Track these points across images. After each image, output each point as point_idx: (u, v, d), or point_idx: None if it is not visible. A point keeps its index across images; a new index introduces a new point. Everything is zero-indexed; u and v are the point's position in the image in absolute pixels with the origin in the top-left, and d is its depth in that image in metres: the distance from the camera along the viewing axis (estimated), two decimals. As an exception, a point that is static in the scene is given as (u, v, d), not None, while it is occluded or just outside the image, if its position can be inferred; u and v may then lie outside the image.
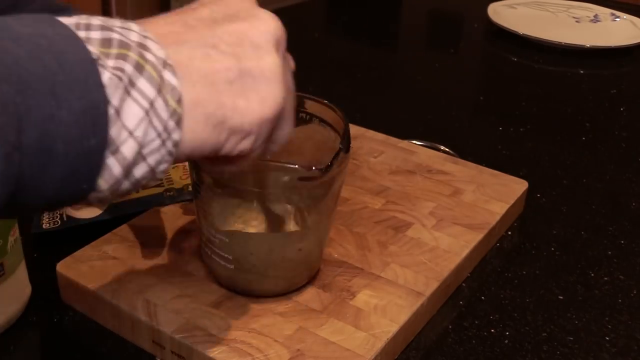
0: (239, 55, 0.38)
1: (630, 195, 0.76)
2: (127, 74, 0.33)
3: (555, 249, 0.66)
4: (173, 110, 0.34)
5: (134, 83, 0.33)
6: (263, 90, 0.38)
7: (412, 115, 0.95)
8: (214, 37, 0.38)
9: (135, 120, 0.33)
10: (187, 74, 0.36)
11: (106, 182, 0.34)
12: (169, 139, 0.35)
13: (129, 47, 0.33)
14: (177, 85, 0.35)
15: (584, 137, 0.89)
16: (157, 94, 0.34)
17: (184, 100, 0.35)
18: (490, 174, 0.71)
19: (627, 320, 0.58)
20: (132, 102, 0.33)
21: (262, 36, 0.39)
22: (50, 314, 0.56)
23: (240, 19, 0.39)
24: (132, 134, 0.33)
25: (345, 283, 0.55)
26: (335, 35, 1.30)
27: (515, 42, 1.19)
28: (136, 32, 0.35)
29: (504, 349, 0.54)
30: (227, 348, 0.49)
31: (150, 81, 0.33)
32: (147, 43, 0.35)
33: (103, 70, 0.32)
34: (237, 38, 0.38)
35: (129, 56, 0.33)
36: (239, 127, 0.38)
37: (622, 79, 1.11)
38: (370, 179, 0.70)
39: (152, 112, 0.33)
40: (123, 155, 0.33)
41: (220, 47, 0.37)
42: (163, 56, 0.35)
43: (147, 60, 0.34)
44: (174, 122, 0.35)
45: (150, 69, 0.34)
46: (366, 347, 0.49)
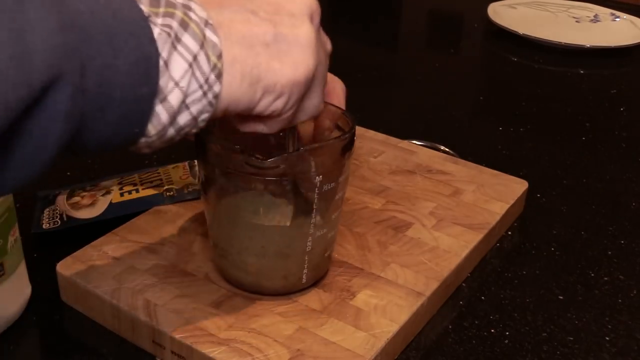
0: (275, 21, 0.41)
1: (630, 195, 0.76)
2: (174, 30, 0.36)
3: (555, 249, 0.66)
4: (214, 65, 0.38)
5: (179, 38, 0.36)
6: (296, 55, 0.41)
7: (412, 115, 0.95)
8: (253, 4, 0.41)
9: (181, 72, 0.36)
10: (227, 34, 0.39)
11: (154, 127, 0.37)
12: (210, 91, 0.38)
13: (175, 6, 0.37)
14: (217, 42, 0.38)
15: (584, 137, 0.89)
16: (199, 49, 0.37)
17: (224, 57, 0.38)
18: (490, 174, 0.71)
19: (627, 320, 0.58)
20: (178, 55, 0.36)
21: (298, 7, 0.42)
22: (50, 314, 0.56)
23: None
24: (177, 84, 0.36)
25: (345, 283, 0.55)
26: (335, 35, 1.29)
27: (515, 42, 1.19)
28: None
29: (504, 349, 0.54)
30: (227, 348, 0.49)
31: (194, 37, 0.37)
32: (190, 4, 0.38)
33: (154, 26, 0.35)
34: (275, 7, 0.41)
35: (175, 14, 0.36)
36: (272, 86, 0.40)
37: (622, 79, 1.11)
38: (370, 179, 0.70)
39: (195, 65, 0.37)
40: (170, 104, 0.37)
41: (259, 13, 0.40)
42: (205, 16, 0.38)
43: (191, 18, 0.37)
44: (214, 76, 0.38)
45: (194, 26, 0.37)
46: (366, 347, 0.49)
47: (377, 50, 1.23)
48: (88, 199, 0.65)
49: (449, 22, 1.40)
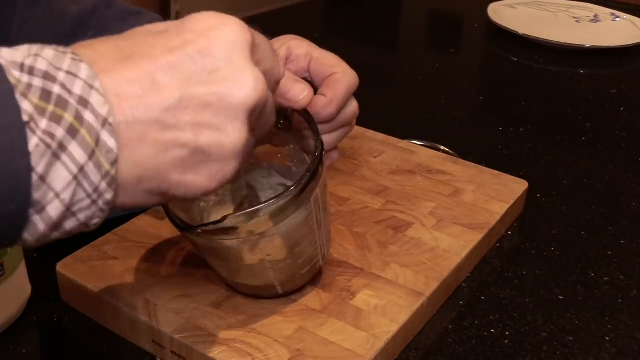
0: (200, 129, 0.35)
1: (630, 195, 0.76)
2: (57, 139, 0.31)
3: (555, 249, 0.66)
4: (106, 172, 0.33)
5: (65, 147, 0.32)
6: (215, 168, 0.37)
7: (412, 115, 0.95)
8: (178, 107, 0.35)
9: (63, 184, 0.32)
10: (135, 151, 0.34)
11: (31, 235, 0.33)
12: (101, 199, 0.34)
13: (66, 105, 0.32)
14: (114, 147, 0.33)
15: (584, 137, 0.89)
16: (88, 159, 0.32)
17: (128, 174, 0.34)
18: (490, 174, 0.71)
19: (627, 320, 0.58)
20: (60, 166, 0.32)
21: (234, 108, 0.36)
22: (50, 314, 0.56)
23: (217, 80, 0.36)
24: (58, 195, 0.32)
25: (345, 283, 0.55)
26: (335, 35, 1.30)
27: (515, 42, 1.19)
28: (83, 80, 0.33)
29: (504, 349, 0.54)
30: (227, 348, 0.49)
31: (82, 146, 0.32)
32: (90, 97, 0.32)
33: (32, 135, 0.31)
34: (204, 108, 0.35)
35: (63, 118, 0.32)
36: (181, 197, 0.37)
37: (622, 79, 1.11)
38: (370, 179, 0.70)
39: (81, 176, 0.32)
40: (48, 215, 0.32)
41: (182, 118, 0.35)
42: (104, 114, 0.33)
43: (84, 121, 0.32)
44: (106, 184, 0.34)
45: (84, 133, 0.32)
46: (366, 347, 0.49)
47: (377, 50, 1.23)
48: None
49: (449, 22, 1.40)
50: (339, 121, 0.58)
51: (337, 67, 0.57)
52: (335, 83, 0.57)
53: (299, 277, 0.53)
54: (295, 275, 0.52)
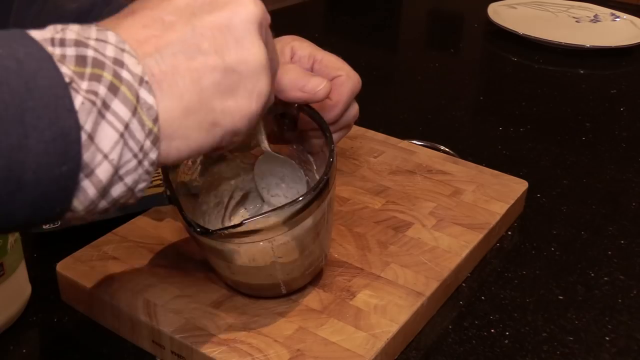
0: (222, 51, 0.37)
1: (630, 195, 0.76)
2: (100, 96, 0.32)
3: (555, 249, 0.66)
4: (149, 130, 0.34)
5: (108, 105, 0.32)
6: (250, 84, 0.38)
7: (412, 115, 0.95)
8: (194, 35, 0.37)
9: (110, 143, 0.32)
10: (174, 83, 0.35)
11: (81, 203, 0.33)
12: (146, 159, 0.34)
13: (103, 65, 0.33)
14: (153, 103, 0.34)
15: (584, 137, 0.89)
16: (132, 116, 0.33)
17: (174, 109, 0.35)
18: (490, 174, 0.71)
19: (627, 320, 0.58)
20: (106, 125, 0.32)
21: (244, 25, 0.38)
22: (50, 314, 0.56)
23: (219, 7, 0.38)
24: (107, 156, 0.32)
25: (345, 283, 0.55)
26: (335, 35, 1.30)
27: (515, 42, 1.19)
28: (113, 44, 0.33)
29: (504, 349, 0.54)
30: (227, 348, 0.49)
31: (124, 102, 0.33)
32: (123, 58, 0.33)
33: (76, 94, 0.31)
34: (218, 31, 0.37)
35: (103, 77, 0.32)
36: (231, 126, 0.38)
37: (622, 79, 1.11)
38: (370, 179, 0.70)
39: (127, 134, 0.33)
40: (98, 178, 0.32)
41: (202, 45, 0.37)
42: (139, 72, 0.34)
43: (122, 79, 0.33)
44: (150, 142, 0.34)
45: (125, 90, 0.33)
46: (366, 347, 0.49)
47: (377, 50, 1.23)
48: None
49: (449, 22, 1.40)
50: (340, 123, 0.58)
51: (341, 69, 0.58)
52: (340, 86, 0.57)
53: (303, 277, 0.53)
54: (300, 276, 0.53)
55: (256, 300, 0.53)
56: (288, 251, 0.49)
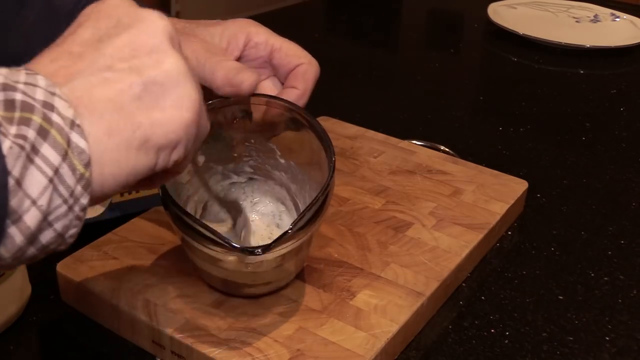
0: (137, 67, 0.36)
1: (630, 195, 0.76)
2: (29, 141, 0.31)
3: (555, 249, 0.66)
4: (80, 175, 0.33)
5: (37, 149, 0.31)
6: (174, 93, 0.37)
7: (412, 115, 0.95)
8: (105, 58, 0.36)
9: (39, 189, 0.31)
10: (91, 106, 0.34)
11: (8, 251, 0.32)
12: (77, 204, 0.33)
13: (32, 109, 0.31)
14: (85, 148, 0.33)
15: (584, 137, 0.89)
16: (62, 161, 0.32)
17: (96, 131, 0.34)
18: (490, 174, 0.71)
19: (627, 320, 0.58)
20: (35, 170, 0.31)
21: (153, 39, 0.37)
22: (50, 314, 0.56)
23: (124, 27, 0.37)
24: (35, 202, 0.31)
25: (345, 283, 0.55)
26: (335, 35, 1.30)
27: (515, 42, 1.19)
28: (43, 88, 0.33)
29: (504, 349, 0.54)
30: (227, 348, 0.49)
31: (54, 147, 0.32)
32: (54, 102, 0.32)
33: (4, 138, 0.30)
34: (129, 50, 0.36)
35: (32, 120, 0.31)
36: (164, 140, 0.36)
37: (622, 79, 1.11)
38: (370, 179, 0.70)
39: (57, 179, 0.32)
40: (26, 225, 0.31)
41: (115, 66, 0.35)
42: (70, 116, 0.33)
43: (53, 122, 0.32)
44: (81, 187, 0.33)
45: (55, 133, 0.32)
46: (366, 347, 0.49)
47: (377, 50, 1.23)
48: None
49: (449, 22, 1.40)
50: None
51: (303, 57, 0.56)
52: (304, 74, 0.56)
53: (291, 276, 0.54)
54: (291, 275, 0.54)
55: (256, 300, 0.53)
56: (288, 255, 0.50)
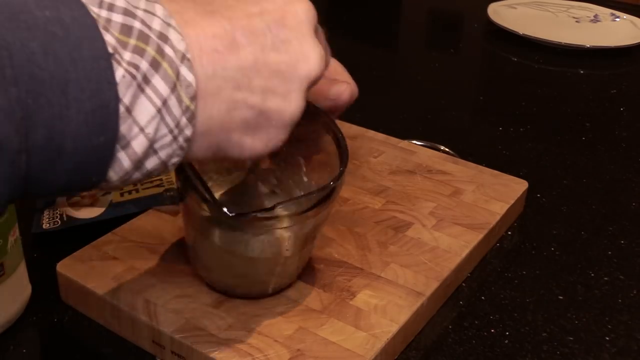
0: (267, 93, 0.38)
1: (630, 195, 0.76)
2: (141, 71, 0.32)
3: (555, 249, 0.66)
4: (186, 107, 0.35)
5: (148, 80, 0.33)
6: (272, 133, 0.39)
7: (412, 115, 0.95)
8: (253, 69, 0.37)
9: (147, 117, 0.33)
10: (211, 102, 0.36)
11: (116, 173, 0.34)
12: (181, 135, 0.35)
13: (147, 39, 0.33)
14: (192, 81, 0.34)
15: (584, 137, 0.89)
16: (170, 92, 0.33)
17: (198, 124, 0.36)
18: (490, 174, 0.71)
19: (627, 320, 0.58)
20: (145, 99, 0.33)
21: (301, 78, 0.39)
22: (50, 314, 0.56)
23: (290, 50, 0.38)
24: (143, 130, 0.33)
25: (345, 283, 0.55)
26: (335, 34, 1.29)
27: (515, 42, 1.19)
28: (160, 17, 0.34)
29: (504, 349, 0.54)
30: (227, 348, 0.49)
31: (165, 79, 0.33)
32: (168, 33, 0.34)
33: (117, 66, 0.32)
34: (275, 75, 0.38)
35: (146, 51, 0.33)
36: (233, 157, 0.39)
37: (622, 79, 1.11)
38: (370, 179, 0.70)
39: (164, 110, 0.33)
40: (133, 150, 0.33)
41: (254, 81, 0.37)
42: (182, 49, 0.34)
43: (165, 55, 0.33)
44: (186, 119, 0.35)
45: (166, 66, 0.33)
46: (366, 347, 0.49)
47: (377, 50, 1.23)
48: (88, 199, 0.65)
49: (449, 22, 1.40)
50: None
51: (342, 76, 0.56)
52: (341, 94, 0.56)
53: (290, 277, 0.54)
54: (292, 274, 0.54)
55: (256, 300, 0.53)
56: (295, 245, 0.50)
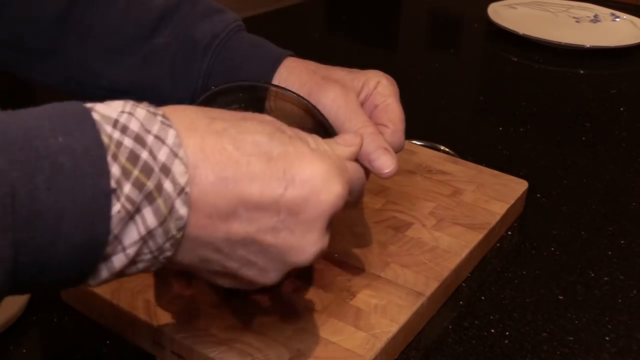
0: (248, 264, 0.38)
1: (630, 195, 0.76)
2: (136, 204, 0.33)
3: (555, 249, 0.66)
4: (172, 236, 0.35)
5: (140, 209, 0.33)
6: (245, 285, 0.40)
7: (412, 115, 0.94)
8: (243, 241, 0.37)
9: (130, 241, 0.34)
10: (185, 251, 0.37)
11: (94, 280, 0.35)
12: (162, 255, 0.36)
13: (150, 173, 0.33)
14: (184, 215, 0.35)
15: (584, 137, 0.89)
16: (158, 225, 0.34)
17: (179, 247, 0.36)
18: (490, 174, 0.71)
19: (627, 320, 0.58)
20: (132, 225, 0.33)
21: (287, 265, 0.39)
22: (50, 314, 0.56)
23: (287, 239, 0.38)
24: (124, 249, 0.34)
25: (345, 283, 0.55)
26: (335, 35, 1.30)
27: (515, 42, 1.19)
28: (169, 147, 0.34)
29: (504, 349, 0.54)
30: (227, 348, 0.49)
31: (156, 213, 0.34)
32: (172, 166, 0.34)
33: (116, 201, 0.32)
34: (262, 251, 0.38)
35: (145, 186, 0.33)
36: (231, 286, 0.41)
37: (622, 79, 1.11)
38: (370, 179, 0.69)
39: (148, 237, 0.34)
40: (113, 265, 0.34)
41: (237, 251, 0.38)
42: (183, 183, 0.34)
43: (163, 190, 0.34)
44: (169, 245, 0.35)
45: (160, 202, 0.34)
46: (366, 347, 0.49)
47: (377, 50, 1.23)
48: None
49: (449, 22, 1.40)
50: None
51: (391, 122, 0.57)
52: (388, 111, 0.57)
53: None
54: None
55: (256, 300, 0.53)
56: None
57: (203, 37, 0.59)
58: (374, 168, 0.52)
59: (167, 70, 0.59)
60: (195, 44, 0.59)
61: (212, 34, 0.59)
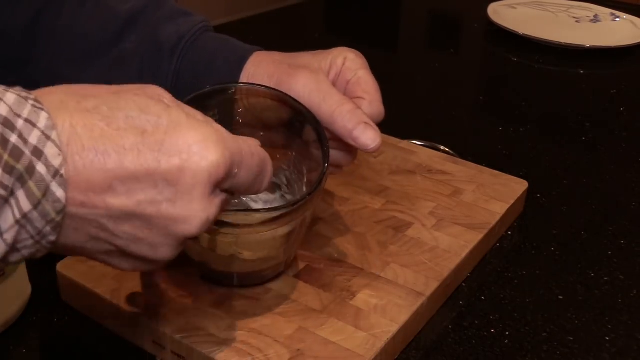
0: (136, 240, 0.37)
1: (630, 195, 0.76)
2: (8, 189, 0.32)
3: (555, 249, 0.66)
4: (52, 219, 0.34)
5: (13, 192, 0.33)
6: (140, 264, 0.39)
7: (412, 115, 0.95)
8: (125, 216, 0.36)
9: (7, 225, 0.33)
10: (70, 230, 0.36)
11: None
12: (44, 239, 0.35)
13: (20, 156, 0.33)
14: (62, 197, 0.34)
15: (584, 137, 0.89)
16: (32, 209, 0.33)
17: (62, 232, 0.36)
18: (490, 174, 0.71)
19: (627, 320, 0.58)
20: (8, 209, 0.33)
21: (175, 237, 0.38)
22: (50, 314, 0.56)
23: (171, 211, 0.37)
24: (2, 235, 0.33)
25: (345, 283, 0.55)
26: (335, 35, 1.30)
27: (515, 42, 1.19)
28: (40, 129, 0.33)
29: (504, 349, 0.54)
30: (227, 348, 0.49)
31: (29, 196, 0.33)
32: (45, 148, 0.33)
33: None
34: (150, 225, 0.37)
35: (15, 169, 0.32)
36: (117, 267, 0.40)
37: (622, 79, 1.11)
38: (370, 179, 0.70)
39: (25, 222, 0.33)
40: None
41: (122, 227, 0.37)
42: (57, 165, 0.33)
43: (35, 173, 0.33)
44: (50, 228, 0.35)
45: (32, 185, 0.33)
46: (366, 347, 0.49)
47: (377, 50, 1.23)
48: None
49: (449, 22, 1.40)
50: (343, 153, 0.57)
51: (368, 93, 0.57)
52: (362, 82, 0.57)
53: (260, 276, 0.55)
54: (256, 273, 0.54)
55: (256, 300, 0.53)
56: (251, 249, 0.51)
57: (169, 39, 0.59)
58: (359, 145, 0.52)
59: (136, 73, 0.59)
60: (162, 45, 0.59)
61: (178, 35, 0.59)
